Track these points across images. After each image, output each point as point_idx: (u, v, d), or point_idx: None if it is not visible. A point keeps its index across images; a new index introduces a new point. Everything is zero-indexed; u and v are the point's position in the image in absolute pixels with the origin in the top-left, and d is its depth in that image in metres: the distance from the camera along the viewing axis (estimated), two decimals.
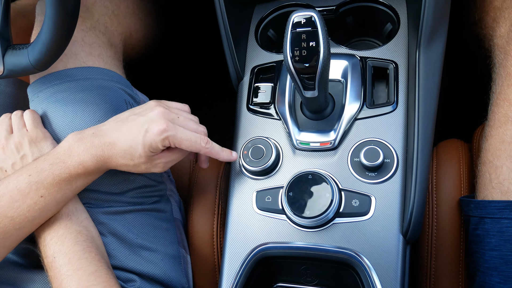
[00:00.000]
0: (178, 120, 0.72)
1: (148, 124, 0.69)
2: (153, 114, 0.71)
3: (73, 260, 0.68)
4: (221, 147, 0.77)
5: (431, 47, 0.73)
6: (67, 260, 0.68)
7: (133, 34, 0.99)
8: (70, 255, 0.68)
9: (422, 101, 0.72)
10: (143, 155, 0.70)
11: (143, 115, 0.71)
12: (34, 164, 0.70)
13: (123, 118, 0.72)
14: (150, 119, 0.70)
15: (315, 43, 0.62)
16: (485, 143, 0.77)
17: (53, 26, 0.65)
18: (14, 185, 0.68)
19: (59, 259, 0.69)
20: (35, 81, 0.82)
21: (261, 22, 0.92)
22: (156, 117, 0.70)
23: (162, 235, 0.84)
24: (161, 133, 0.69)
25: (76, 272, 0.67)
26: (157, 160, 0.72)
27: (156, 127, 0.69)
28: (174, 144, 0.71)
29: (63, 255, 0.69)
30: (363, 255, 0.70)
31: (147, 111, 0.72)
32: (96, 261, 0.69)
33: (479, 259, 0.74)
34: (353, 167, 0.75)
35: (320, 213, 0.70)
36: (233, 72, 0.87)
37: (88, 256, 0.69)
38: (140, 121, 0.70)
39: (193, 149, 0.73)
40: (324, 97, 0.72)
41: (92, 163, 0.70)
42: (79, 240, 0.70)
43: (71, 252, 0.69)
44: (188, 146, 0.72)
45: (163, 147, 0.71)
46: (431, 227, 0.80)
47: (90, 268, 0.68)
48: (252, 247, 0.75)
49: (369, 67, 0.81)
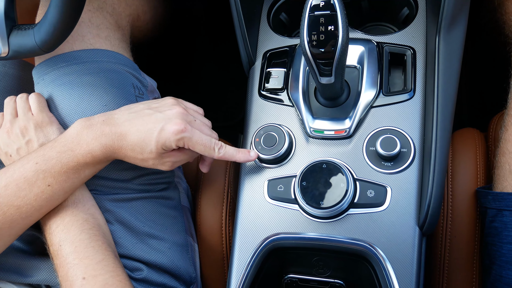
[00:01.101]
0: (195, 123, 0.71)
1: (165, 122, 0.68)
2: (172, 113, 0.70)
3: (80, 249, 0.67)
4: (236, 148, 0.75)
5: (452, 33, 0.70)
6: (74, 249, 0.67)
7: (140, 16, 0.96)
8: (77, 243, 0.67)
9: (441, 89, 0.69)
10: (154, 151, 0.68)
11: (160, 111, 0.70)
12: (41, 152, 0.68)
13: (137, 110, 0.71)
14: (168, 117, 0.69)
15: (334, 27, 0.60)
16: (505, 133, 0.75)
17: (60, 5, 0.62)
18: (20, 173, 0.66)
19: (65, 247, 0.67)
20: (40, 63, 0.80)
21: (274, 5, 0.89)
22: (175, 117, 0.69)
23: (170, 223, 0.82)
24: (177, 133, 0.68)
25: (83, 260, 0.66)
26: (167, 158, 0.71)
27: (174, 127, 0.67)
28: (188, 146, 0.70)
29: (70, 243, 0.67)
30: (378, 247, 0.68)
31: (165, 107, 0.71)
32: (103, 250, 0.68)
33: (495, 252, 0.72)
34: (368, 156, 0.72)
35: (334, 203, 0.68)
36: (244, 56, 0.84)
37: (95, 245, 0.68)
38: (156, 117, 0.69)
39: (205, 154, 0.72)
40: (340, 84, 0.70)
41: (100, 152, 0.68)
42: (86, 228, 0.69)
43: (77, 240, 0.67)
44: (201, 150, 0.71)
45: (176, 147, 0.70)
46: (446, 218, 0.78)
47: (97, 257, 0.66)
48: (263, 238, 0.74)
49: (385, 53, 0.78)
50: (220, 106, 1.49)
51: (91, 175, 0.71)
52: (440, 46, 0.70)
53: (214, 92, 1.51)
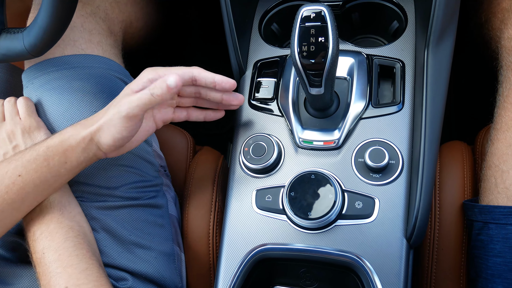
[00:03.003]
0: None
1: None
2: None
3: (63, 257, 0.65)
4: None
5: (440, 47, 0.71)
6: (57, 257, 0.65)
7: (133, 22, 0.96)
8: (60, 251, 0.66)
9: (430, 102, 0.70)
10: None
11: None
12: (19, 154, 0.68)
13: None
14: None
15: (324, 38, 0.60)
16: (491, 147, 0.75)
17: (51, 10, 0.62)
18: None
19: (49, 255, 0.66)
20: (30, 67, 0.79)
21: (265, 15, 0.90)
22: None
23: (157, 232, 0.81)
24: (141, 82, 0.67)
25: (66, 269, 0.64)
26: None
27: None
28: (159, 74, 0.67)
29: (53, 251, 0.66)
30: (365, 259, 0.68)
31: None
32: (87, 259, 0.66)
33: (481, 265, 0.72)
34: (357, 167, 0.73)
35: (322, 214, 0.68)
36: (235, 65, 0.85)
37: (79, 253, 0.66)
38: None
39: (182, 76, 0.69)
40: (329, 95, 0.71)
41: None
42: (70, 236, 0.68)
43: (61, 248, 0.66)
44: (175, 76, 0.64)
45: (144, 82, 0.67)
46: (433, 230, 0.78)
47: (80, 266, 0.65)
48: (251, 248, 0.73)
49: (375, 65, 0.79)
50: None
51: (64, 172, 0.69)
52: (429, 60, 0.71)
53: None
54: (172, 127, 0.99)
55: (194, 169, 0.91)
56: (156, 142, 0.90)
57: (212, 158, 0.93)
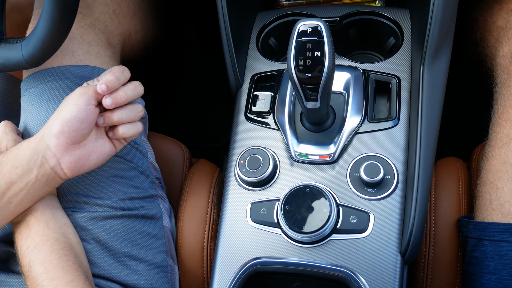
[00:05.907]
0: None
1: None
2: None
3: (49, 269, 0.65)
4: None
5: (436, 63, 0.72)
6: (43, 269, 0.65)
7: (132, 35, 0.97)
8: (46, 264, 0.66)
9: (425, 118, 0.70)
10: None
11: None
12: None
13: None
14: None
15: (320, 53, 0.61)
16: (486, 164, 0.76)
17: (50, 21, 0.62)
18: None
19: (35, 268, 0.66)
20: (28, 76, 0.79)
21: (263, 30, 0.91)
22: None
23: (149, 243, 0.80)
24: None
25: (51, 282, 0.64)
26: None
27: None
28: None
29: (39, 264, 0.66)
30: (360, 274, 0.68)
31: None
32: (73, 270, 0.66)
33: (476, 282, 0.72)
34: (352, 182, 0.73)
35: (317, 228, 0.68)
36: (232, 79, 0.85)
37: (65, 265, 0.66)
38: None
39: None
40: (325, 109, 0.71)
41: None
42: (56, 248, 0.67)
43: (47, 261, 0.66)
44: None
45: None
46: (428, 246, 0.78)
47: (66, 278, 0.65)
48: (245, 261, 0.73)
49: (371, 80, 0.79)
50: (207, 127, 1.49)
51: (14, 174, 0.67)
52: (425, 76, 0.72)
53: (202, 113, 1.51)
54: (169, 139, 0.99)
55: (189, 182, 0.91)
56: (152, 154, 0.90)
57: (208, 170, 0.92)
